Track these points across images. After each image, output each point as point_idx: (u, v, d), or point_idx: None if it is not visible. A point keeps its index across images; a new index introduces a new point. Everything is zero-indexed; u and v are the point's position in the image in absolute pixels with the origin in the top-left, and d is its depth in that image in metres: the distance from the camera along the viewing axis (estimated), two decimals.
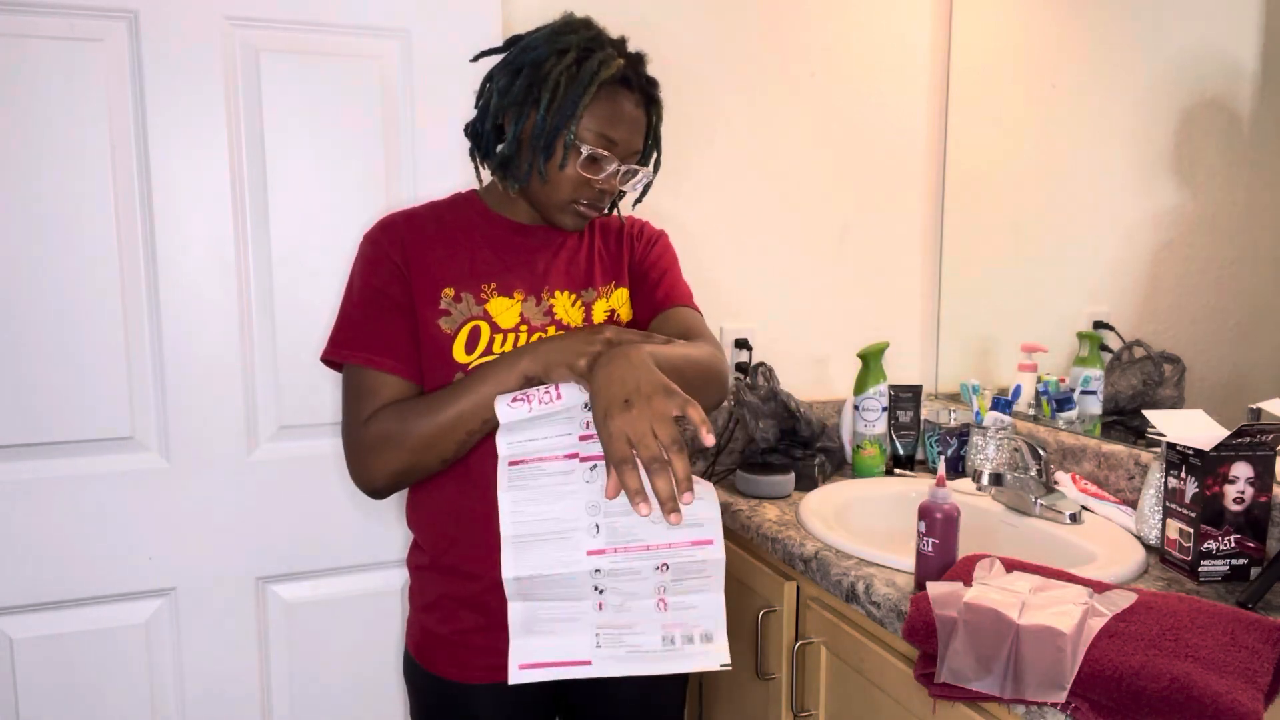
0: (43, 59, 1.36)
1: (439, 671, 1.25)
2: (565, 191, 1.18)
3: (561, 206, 1.20)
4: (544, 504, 1.11)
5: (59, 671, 1.46)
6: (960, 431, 1.78)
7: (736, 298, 1.93)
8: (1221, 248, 1.48)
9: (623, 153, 1.19)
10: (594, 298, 1.27)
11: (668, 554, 1.09)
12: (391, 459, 1.15)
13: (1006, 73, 1.89)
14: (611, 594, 1.10)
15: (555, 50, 1.16)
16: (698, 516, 1.08)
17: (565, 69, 1.14)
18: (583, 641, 1.11)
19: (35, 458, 1.42)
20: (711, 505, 1.08)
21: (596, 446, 1.10)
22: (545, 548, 1.09)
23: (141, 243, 1.44)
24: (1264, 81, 1.42)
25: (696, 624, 1.11)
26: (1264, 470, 1.23)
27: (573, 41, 1.16)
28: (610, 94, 1.16)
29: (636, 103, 1.19)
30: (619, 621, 1.11)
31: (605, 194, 1.21)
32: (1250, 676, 0.92)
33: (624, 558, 1.09)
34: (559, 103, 1.14)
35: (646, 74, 1.22)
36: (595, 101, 1.15)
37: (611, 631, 1.11)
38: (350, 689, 1.62)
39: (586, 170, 1.17)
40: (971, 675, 1.00)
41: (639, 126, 1.20)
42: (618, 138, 1.17)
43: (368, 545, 1.60)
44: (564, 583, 1.09)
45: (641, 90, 1.20)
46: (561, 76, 1.14)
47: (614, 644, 1.11)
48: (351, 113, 1.52)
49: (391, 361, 1.18)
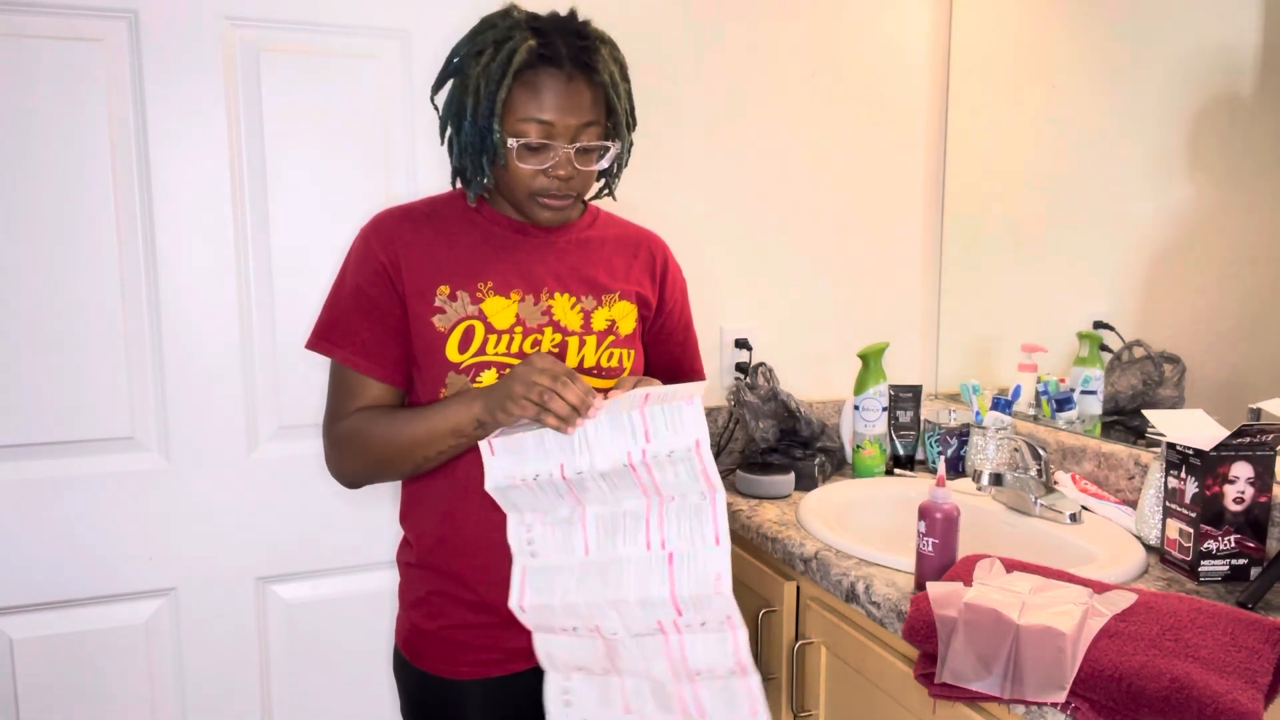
0: (42, 59, 1.36)
1: (428, 667, 1.25)
2: (520, 187, 1.16)
3: (524, 201, 1.18)
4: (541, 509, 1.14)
5: (59, 672, 1.46)
6: (960, 431, 1.78)
7: (736, 298, 1.93)
8: (1221, 248, 1.48)
9: (564, 133, 1.13)
10: (594, 306, 1.26)
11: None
12: (353, 463, 1.21)
13: (1006, 73, 1.89)
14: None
15: (474, 53, 1.14)
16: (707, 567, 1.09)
17: (483, 69, 1.12)
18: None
19: (35, 458, 1.42)
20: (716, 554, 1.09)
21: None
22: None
23: (141, 242, 1.44)
24: (1264, 81, 1.41)
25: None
26: (1264, 470, 1.23)
27: (488, 39, 1.13)
28: (530, 78, 1.12)
29: (568, 77, 1.12)
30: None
31: (566, 179, 1.16)
32: (1250, 676, 0.92)
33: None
34: (480, 104, 1.12)
35: (582, 43, 1.14)
36: (518, 90, 1.12)
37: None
38: (351, 689, 1.62)
39: (528, 162, 1.14)
40: (971, 675, 1.00)
41: (576, 101, 1.13)
42: (550, 119, 1.12)
43: (369, 545, 1.60)
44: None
45: (574, 62, 1.12)
46: (480, 78, 1.12)
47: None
48: (351, 112, 1.52)
49: (369, 365, 1.20)
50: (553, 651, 1.18)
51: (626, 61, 1.21)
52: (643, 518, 1.11)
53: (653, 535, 1.10)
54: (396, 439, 1.17)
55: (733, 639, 1.10)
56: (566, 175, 1.15)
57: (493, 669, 1.24)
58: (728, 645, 1.10)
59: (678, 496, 1.09)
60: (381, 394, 1.22)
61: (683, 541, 1.09)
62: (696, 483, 1.08)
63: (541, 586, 1.14)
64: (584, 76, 1.13)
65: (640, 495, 1.10)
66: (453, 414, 1.14)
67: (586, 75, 1.14)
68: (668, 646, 1.11)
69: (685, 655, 1.11)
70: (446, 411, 1.14)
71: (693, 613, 1.08)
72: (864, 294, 2.03)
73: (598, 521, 1.13)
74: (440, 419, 1.14)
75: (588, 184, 1.21)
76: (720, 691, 1.12)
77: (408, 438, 1.16)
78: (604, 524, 1.12)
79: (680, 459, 1.06)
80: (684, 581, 1.08)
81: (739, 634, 1.10)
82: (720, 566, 1.08)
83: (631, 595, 1.09)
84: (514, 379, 1.09)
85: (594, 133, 1.16)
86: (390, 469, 1.20)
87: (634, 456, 1.07)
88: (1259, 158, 1.42)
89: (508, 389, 1.08)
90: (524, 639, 1.23)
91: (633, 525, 1.11)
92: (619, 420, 1.08)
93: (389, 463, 1.19)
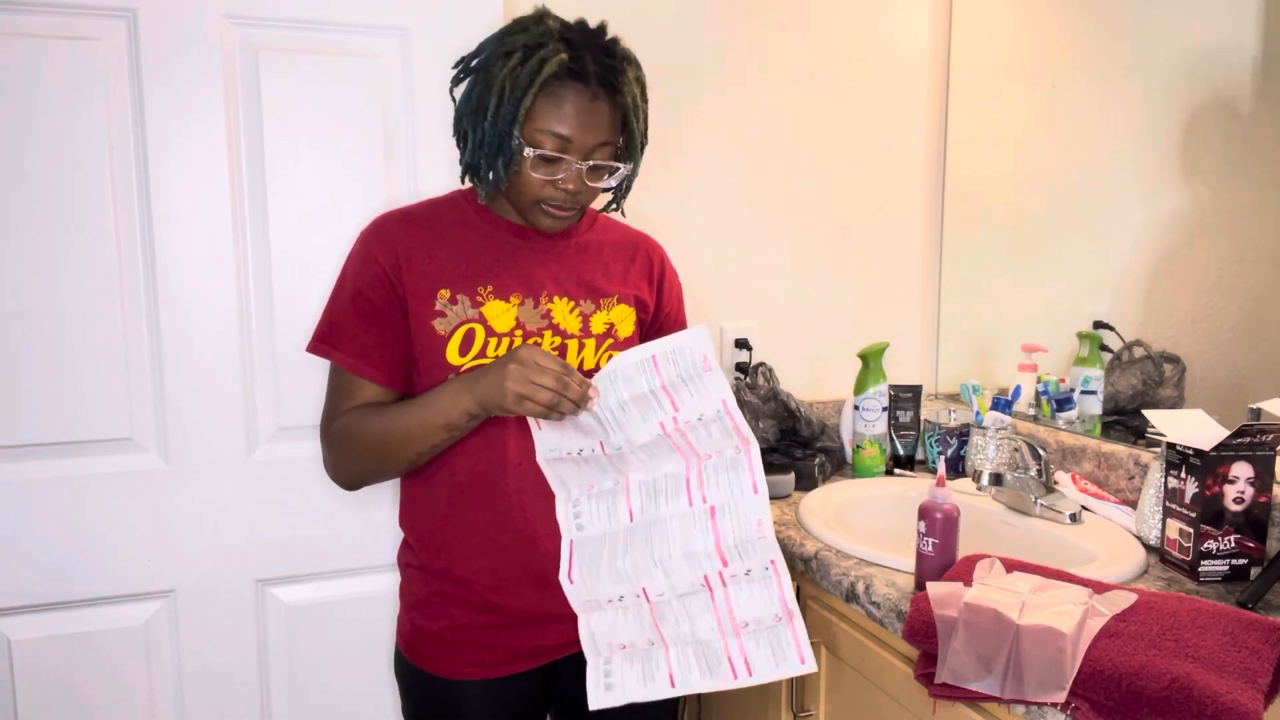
0: (41, 58, 1.36)
1: (429, 668, 1.25)
2: (529, 194, 1.17)
3: (530, 208, 1.19)
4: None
5: (58, 673, 1.46)
6: (960, 431, 1.78)
7: (736, 298, 1.93)
8: (1221, 248, 1.47)
9: (580, 149, 1.14)
10: (593, 309, 1.26)
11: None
12: (348, 462, 1.22)
13: (1006, 73, 1.89)
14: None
15: (501, 53, 1.13)
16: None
17: (510, 72, 1.12)
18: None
19: (33, 458, 1.42)
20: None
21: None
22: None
23: (140, 242, 1.44)
24: (1264, 81, 1.41)
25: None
26: (1264, 470, 1.23)
27: (518, 42, 1.13)
28: (557, 90, 1.12)
29: (592, 95, 1.13)
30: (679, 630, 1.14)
31: (574, 193, 1.16)
32: (1250, 676, 0.92)
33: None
34: (504, 108, 1.12)
35: (610, 62, 1.14)
36: (542, 100, 1.12)
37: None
38: (351, 692, 1.62)
39: (541, 172, 1.14)
40: (971, 675, 1.00)
41: (596, 120, 1.14)
42: (569, 135, 1.13)
43: (369, 547, 1.60)
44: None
45: (600, 81, 1.13)
46: (506, 80, 1.12)
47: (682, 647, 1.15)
48: (351, 112, 1.52)
49: (368, 368, 1.20)
50: (595, 630, 1.17)
51: (647, 82, 1.21)
52: (682, 477, 1.14)
53: (694, 492, 1.14)
54: (389, 435, 1.17)
55: (777, 584, 1.13)
56: (575, 190, 1.16)
57: (495, 669, 1.24)
58: (773, 591, 1.13)
59: (714, 453, 1.13)
60: (379, 397, 1.22)
61: (722, 494, 1.13)
62: (730, 439, 1.12)
63: (589, 555, 1.17)
64: (607, 96, 1.14)
65: (678, 457, 1.14)
66: (444, 408, 1.14)
67: (610, 95, 1.14)
68: (714, 603, 1.14)
69: (732, 608, 1.13)
70: (437, 404, 1.15)
71: (738, 561, 1.12)
72: (864, 294, 2.03)
73: (640, 487, 1.16)
74: (432, 412, 1.15)
75: (593, 198, 1.22)
76: (767, 642, 1.13)
77: (400, 433, 1.16)
78: (646, 489, 1.16)
79: (711, 420, 1.11)
80: (728, 531, 1.12)
81: (784, 578, 1.14)
82: (761, 513, 1.13)
83: (677, 550, 1.13)
84: (505, 375, 1.09)
85: (608, 152, 1.17)
86: (385, 465, 1.20)
87: (667, 426, 1.12)
88: (1259, 158, 1.42)
89: (499, 384, 1.09)
90: (527, 640, 1.24)
91: (673, 485, 1.14)
92: (644, 399, 1.12)
93: (383, 459, 1.19)
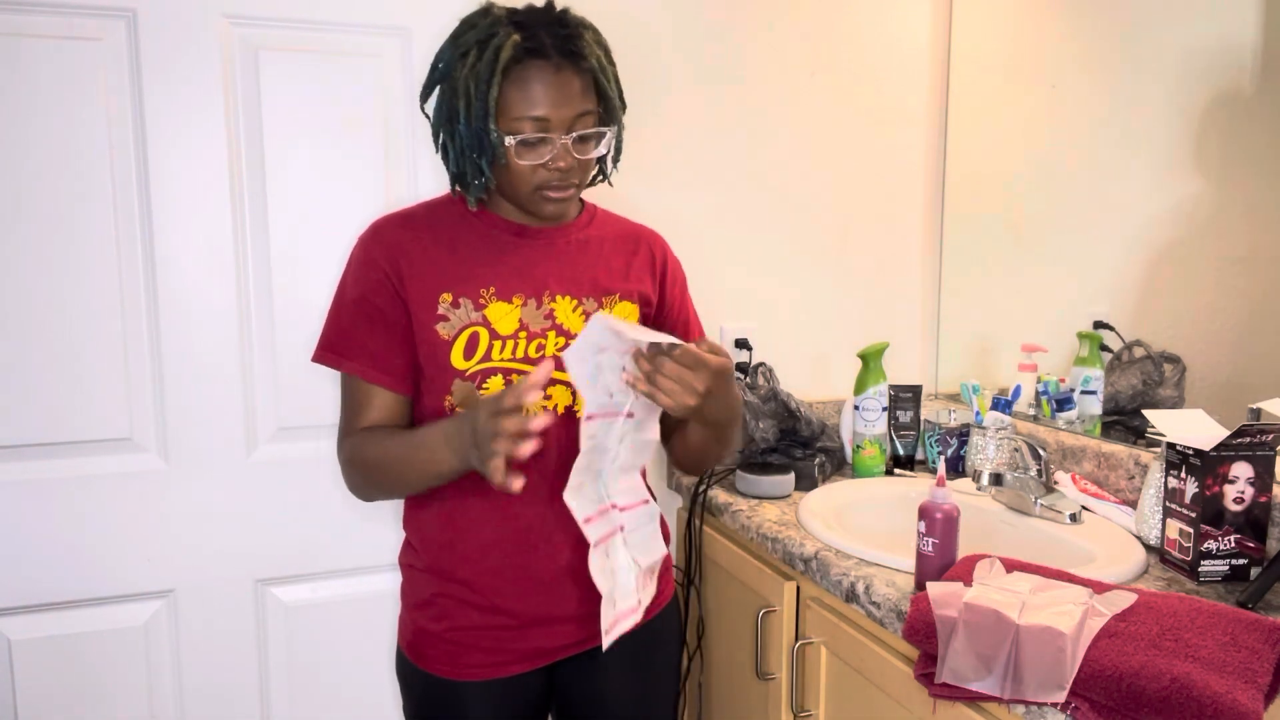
0: (41, 58, 1.36)
1: (432, 669, 1.25)
2: (522, 184, 1.16)
3: (528, 198, 1.18)
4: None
5: (58, 673, 1.46)
6: (960, 431, 1.78)
7: (736, 298, 1.93)
8: (1221, 248, 1.47)
9: (560, 125, 1.13)
10: (596, 307, 1.26)
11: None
12: (356, 483, 1.24)
13: (1006, 72, 1.89)
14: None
15: (458, 55, 1.13)
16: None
17: (470, 70, 1.11)
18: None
19: (33, 458, 1.42)
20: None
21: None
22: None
23: (140, 243, 1.44)
24: (1264, 81, 1.41)
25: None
26: (1264, 470, 1.23)
27: (471, 39, 1.13)
28: (520, 74, 1.11)
29: (556, 68, 1.11)
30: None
31: (566, 170, 1.15)
32: (1250, 676, 0.92)
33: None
34: (473, 105, 1.11)
35: (564, 31, 1.13)
36: (508, 88, 1.11)
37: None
38: (350, 692, 1.62)
39: (527, 158, 1.14)
40: (971, 675, 1.00)
41: (567, 92, 1.12)
42: (544, 114, 1.12)
43: (368, 547, 1.60)
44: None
45: (560, 52, 1.11)
46: (469, 79, 1.11)
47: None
48: (351, 112, 1.52)
49: (379, 374, 1.21)
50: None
51: (609, 44, 1.20)
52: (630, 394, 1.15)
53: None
54: (387, 474, 1.20)
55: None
56: (566, 166, 1.15)
57: (498, 670, 1.24)
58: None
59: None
60: (390, 403, 1.22)
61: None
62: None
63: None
64: (571, 65, 1.13)
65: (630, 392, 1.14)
66: (433, 460, 1.14)
67: (574, 63, 1.13)
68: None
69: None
70: (428, 454, 1.15)
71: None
72: (864, 294, 2.03)
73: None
74: (426, 462, 1.15)
75: (587, 173, 1.21)
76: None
77: (396, 476, 1.19)
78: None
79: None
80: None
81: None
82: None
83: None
84: (476, 451, 1.06)
85: (589, 120, 1.16)
86: (389, 494, 1.24)
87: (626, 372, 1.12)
88: (1259, 157, 1.42)
89: (475, 457, 1.07)
90: (530, 641, 1.24)
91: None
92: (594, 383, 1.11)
93: (386, 490, 1.23)
